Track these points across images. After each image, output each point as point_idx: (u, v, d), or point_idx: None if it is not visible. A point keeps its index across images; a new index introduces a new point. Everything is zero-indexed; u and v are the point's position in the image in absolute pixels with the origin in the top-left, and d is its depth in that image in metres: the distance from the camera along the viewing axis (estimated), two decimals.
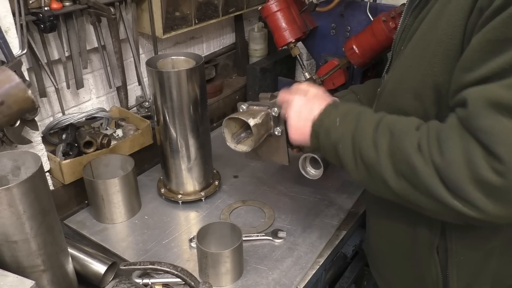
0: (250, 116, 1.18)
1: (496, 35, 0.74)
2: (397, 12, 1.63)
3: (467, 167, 0.75)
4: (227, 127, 1.21)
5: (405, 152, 0.83)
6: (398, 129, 0.87)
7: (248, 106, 1.23)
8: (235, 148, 1.22)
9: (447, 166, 0.77)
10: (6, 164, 0.96)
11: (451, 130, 0.79)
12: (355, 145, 0.92)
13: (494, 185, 0.74)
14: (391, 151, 0.86)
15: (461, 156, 0.76)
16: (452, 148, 0.78)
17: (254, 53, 2.16)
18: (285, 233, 1.32)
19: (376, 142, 0.88)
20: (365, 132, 0.91)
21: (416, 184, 0.82)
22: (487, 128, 0.74)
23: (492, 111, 0.74)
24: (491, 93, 0.74)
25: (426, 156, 0.81)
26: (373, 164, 0.89)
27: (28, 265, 0.93)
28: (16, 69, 1.13)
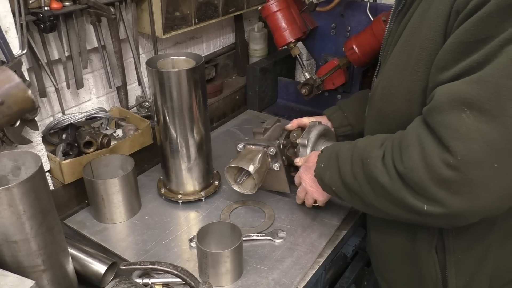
0: (249, 161, 1.32)
1: (467, 37, 0.78)
2: None
3: (426, 169, 0.81)
4: (228, 172, 1.30)
5: (374, 174, 0.92)
6: (366, 155, 0.96)
7: (244, 146, 1.35)
8: (239, 189, 1.39)
9: (409, 171, 0.84)
10: (6, 164, 0.96)
11: (411, 133, 0.86)
12: (343, 182, 1.04)
13: (451, 180, 0.79)
14: (366, 177, 0.96)
15: (419, 161, 0.82)
16: (411, 153, 0.84)
17: (254, 53, 2.16)
18: (285, 233, 1.32)
19: (355, 174, 0.99)
20: (345, 168, 1.02)
21: (392, 200, 0.91)
22: (446, 122, 0.78)
23: (454, 106, 0.78)
24: (455, 88, 0.78)
25: (390, 168, 0.89)
26: (360, 195, 0.99)
27: (28, 265, 0.93)
28: (16, 69, 1.13)
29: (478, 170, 0.77)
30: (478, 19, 0.76)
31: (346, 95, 1.95)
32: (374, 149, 0.95)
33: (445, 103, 0.79)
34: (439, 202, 0.82)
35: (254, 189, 1.34)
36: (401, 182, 0.87)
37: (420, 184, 0.83)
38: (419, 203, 0.85)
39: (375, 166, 0.92)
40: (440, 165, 0.79)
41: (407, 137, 0.87)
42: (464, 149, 0.76)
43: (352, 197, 1.03)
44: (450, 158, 0.78)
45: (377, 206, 0.96)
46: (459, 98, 0.77)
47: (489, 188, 0.78)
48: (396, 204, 0.90)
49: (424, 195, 0.83)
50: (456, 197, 0.80)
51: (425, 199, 0.84)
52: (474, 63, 0.77)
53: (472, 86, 0.76)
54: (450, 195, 0.80)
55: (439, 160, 0.79)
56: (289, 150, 1.42)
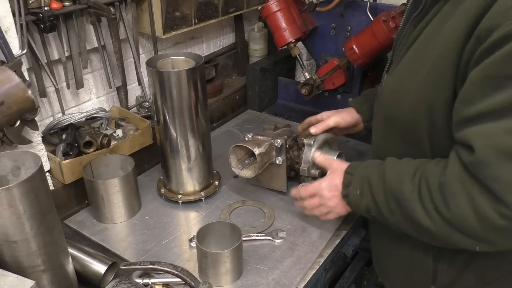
0: (255, 145, 1.35)
1: (495, 71, 0.77)
2: (397, 12, 1.63)
3: (478, 219, 0.83)
4: (233, 153, 1.32)
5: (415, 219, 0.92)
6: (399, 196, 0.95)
7: (253, 136, 1.36)
8: (239, 173, 1.40)
9: (458, 219, 0.86)
10: (6, 164, 0.96)
11: (455, 182, 0.85)
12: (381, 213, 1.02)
13: (506, 228, 0.81)
14: (405, 218, 0.96)
15: (470, 211, 0.83)
16: (459, 202, 0.84)
17: (254, 53, 2.16)
18: (285, 233, 1.32)
19: (392, 210, 0.98)
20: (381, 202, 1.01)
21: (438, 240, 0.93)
22: (497, 176, 0.79)
23: (501, 160, 0.78)
24: (497, 140, 0.78)
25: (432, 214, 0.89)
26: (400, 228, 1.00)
27: (28, 265, 0.93)
28: (16, 69, 1.13)
29: None
30: (507, 53, 0.74)
31: (346, 95, 1.96)
32: (406, 188, 0.94)
33: (491, 156, 0.79)
34: (491, 244, 0.86)
35: (253, 174, 1.36)
36: (448, 226, 0.88)
37: (473, 230, 0.85)
38: (469, 244, 0.88)
39: (414, 210, 0.92)
40: (495, 216, 0.81)
41: (450, 184, 0.86)
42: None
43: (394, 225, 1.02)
44: (505, 210, 0.79)
45: (421, 239, 0.99)
46: (504, 149, 0.77)
47: None
48: (443, 242, 0.94)
49: (476, 238, 0.87)
50: (506, 239, 0.85)
51: (476, 241, 0.87)
52: (506, 103, 0.76)
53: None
54: (503, 238, 0.84)
55: (494, 212, 0.81)
56: (294, 152, 1.43)
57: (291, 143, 1.44)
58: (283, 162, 1.40)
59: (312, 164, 1.37)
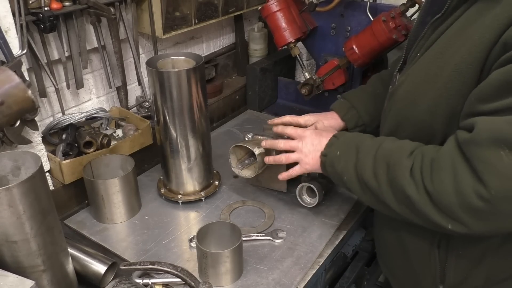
0: (255, 145, 1.35)
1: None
2: (397, 12, 1.63)
3: (456, 195, 0.85)
4: (233, 154, 1.32)
5: (400, 183, 0.94)
6: (392, 160, 0.97)
7: (253, 136, 1.37)
8: (239, 173, 1.41)
9: (438, 193, 0.88)
10: (6, 164, 0.96)
11: (445, 158, 0.88)
12: (358, 176, 1.04)
13: (480, 209, 0.83)
14: (389, 181, 0.97)
15: (451, 186, 0.85)
16: (443, 177, 0.87)
17: (254, 53, 2.16)
18: (285, 233, 1.32)
19: (376, 173, 1.00)
20: (365, 164, 1.02)
21: (413, 210, 0.93)
22: (485, 157, 0.81)
23: (493, 143, 0.80)
24: (497, 126, 0.80)
25: (418, 183, 0.91)
26: (376, 193, 1.00)
27: (28, 265, 0.93)
28: (16, 69, 1.13)
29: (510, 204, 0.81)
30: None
31: None
32: (403, 157, 0.95)
33: (485, 138, 0.81)
34: (464, 224, 0.86)
35: (253, 174, 1.36)
36: (428, 199, 0.89)
37: (448, 207, 0.86)
38: (443, 221, 0.89)
39: (403, 176, 0.93)
40: (472, 195, 0.82)
41: (440, 159, 0.89)
42: (499, 185, 0.80)
43: (364, 192, 1.04)
44: (483, 190, 0.81)
45: (393, 208, 0.98)
46: (500, 136, 0.79)
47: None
48: (418, 214, 0.93)
49: (450, 216, 0.87)
50: (481, 222, 0.85)
51: (450, 219, 0.88)
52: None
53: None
54: (476, 220, 0.85)
55: (472, 190, 0.82)
56: None
57: None
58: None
59: None
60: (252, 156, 1.38)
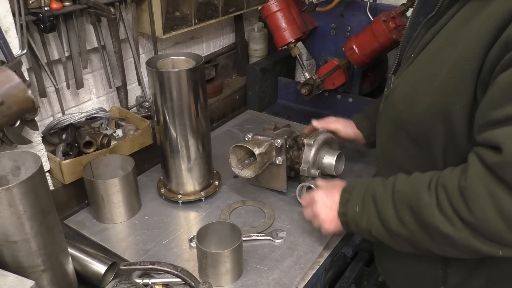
0: (256, 145, 1.36)
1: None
2: (397, 12, 1.63)
3: (503, 220, 0.81)
4: (233, 154, 1.32)
5: (432, 224, 0.89)
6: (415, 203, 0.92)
7: (253, 135, 1.37)
8: (239, 173, 1.41)
9: (483, 223, 0.83)
10: (6, 164, 0.96)
11: (477, 184, 0.83)
12: (386, 228, 0.99)
13: None
14: (419, 226, 0.92)
15: (494, 212, 0.81)
16: (483, 205, 0.82)
17: (254, 53, 2.16)
18: (285, 233, 1.32)
19: (403, 221, 0.95)
20: (387, 214, 0.98)
21: (456, 246, 0.90)
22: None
23: None
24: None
25: (452, 218, 0.87)
26: (411, 240, 0.96)
27: (28, 265, 0.93)
28: (16, 69, 1.13)
29: None
30: None
31: (346, 95, 1.96)
32: (424, 195, 0.91)
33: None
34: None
35: (253, 174, 1.36)
36: (470, 231, 0.86)
37: (497, 234, 0.83)
38: (492, 250, 0.86)
39: (432, 216, 0.89)
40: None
41: (472, 187, 0.84)
42: None
43: (398, 242, 1.00)
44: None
45: (434, 251, 0.95)
46: None
47: None
48: (463, 250, 0.90)
49: (499, 243, 0.85)
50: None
51: (500, 245, 0.85)
52: None
53: None
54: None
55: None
56: (294, 152, 1.44)
57: (291, 143, 1.45)
58: (283, 162, 1.40)
59: (312, 164, 1.37)
60: (252, 156, 1.38)
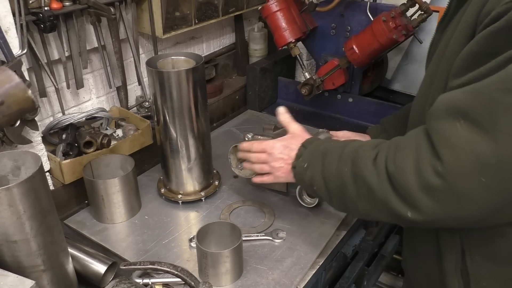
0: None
1: (478, 48, 0.78)
2: (397, 12, 1.63)
3: (416, 173, 0.80)
4: (233, 154, 1.32)
5: (362, 174, 0.90)
6: (357, 155, 0.94)
7: (253, 136, 1.37)
8: (239, 173, 1.40)
9: (399, 173, 0.83)
10: (6, 164, 0.96)
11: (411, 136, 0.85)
12: (325, 182, 1.01)
13: (436, 187, 0.78)
14: (352, 176, 0.93)
15: (412, 163, 0.81)
16: (406, 155, 0.83)
17: (254, 53, 2.16)
18: (285, 233, 1.32)
19: (341, 173, 0.96)
20: (331, 167, 0.99)
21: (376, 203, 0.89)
22: (440, 128, 0.78)
23: (450, 114, 0.77)
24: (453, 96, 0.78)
25: (380, 169, 0.87)
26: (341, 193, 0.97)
27: (28, 265, 0.93)
28: (16, 69, 1.13)
29: (465, 182, 0.76)
30: (490, 32, 0.75)
31: (346, 95, 1.96)
32: (368, 150, 0.93)
33: (442, 110, 0.79)
34: (421, 209, 0.81)
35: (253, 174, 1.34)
36: (389, 184, 0.85)
37: (407, 187, 0.82)
38: (403, 209, 0.84)
39: (365, 166, 0.90)
40: (429, 170, 0.78)
41: (406, 139, 0.87)
42: (452, 158, 0.76)
43: (332, 197, 1.01)
44: (439, 165, 0.77)
45: (359, 208, 0.94)
46: (455, 106, 0.77)
47: (474, 202, 0.77)
48: (379, 207, 0.89)
49: (408, 200, 0.82)
50: (439, 205, 0.79)
51: (409, 205, 0.83)
52: (479, 74, 0.76)
53: (467, 96, 0.76)
54: (433, 203, 0.79)
55: (429, 165, 0.78)
56: None
57: None
58: None
59: None
60: None
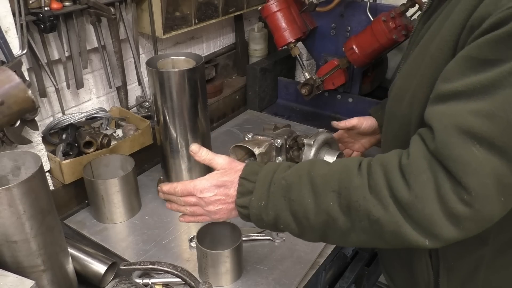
0: (256, 145, 1.33)
1: (478, 53, 0.76)
2: (397, 12, 1.63)
3: (438, 199, 0.74)
4: (233, 154, 1.32)
5: (361, 207, 0.79)
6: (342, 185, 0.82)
7: (253, 135, 1.36)
8: None
9: (420, 202, 0.75)
10: (6, 164, 0.96)
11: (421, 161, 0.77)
12: (296, 219, 0.87)
13: (463, 216, 0.73)
14: (344, 211, 0.82)
15: (433, 190, 0.74)
16: (424, 181, 0.75)
17: (254, 53, 2.16)
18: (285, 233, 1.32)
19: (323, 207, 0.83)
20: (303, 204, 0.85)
21: (382, 234, 0.80)
22: (456, 157, 0.73)
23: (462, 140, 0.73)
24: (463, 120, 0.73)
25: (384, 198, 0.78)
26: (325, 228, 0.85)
27: (28, 265, 0.93)
28: (16, 69, 1.13)
29: (491, 205, 0.73)
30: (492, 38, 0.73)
31: (346, 95, 1.96)
32: (354, 177, 0.82)
33: (454, 136, 0.74)
34: (443, 237, 0.76)
35: None
36: (401, 215, 0.77)
37: (430, 217, 0.75)
38: (419, 239, 0.77)
39: (363, 198, 0.79)
40: (455, 199, 0.73)
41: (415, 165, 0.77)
42: (477, 184, 0.72)
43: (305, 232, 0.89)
44: (464, 193, 0.72)
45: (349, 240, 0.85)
46: (468, 132, 0.73)
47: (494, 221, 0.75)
48: (386, 238, 0.80)
49: (429, 230, 0.76)
50: (463, 232, 0.75)
51: (428, 234, 0.76)
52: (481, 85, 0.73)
53: (482, 120, 0.72)
54: (458, 231, 0.75)
55: (453, 194, 0.73)
56: (294, 152, 1.44)
57: (291, 143, 1.45)
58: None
59: None
60: (252, 156, 1.38)
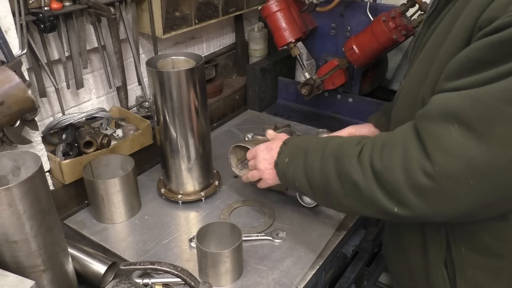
0: (255, 145, 1.35)
1: (477, 55, 0.78)
2: (397, 12, 1.63)
3: (404, 172, 0.82)
4: (233, 154, 1.32)
5: (348, 172, 0.92)
6: (341, 152, 0.95)
7: (253, 136, 1.36)
8: (239, 173, 1.41)
9: (386, 171, 0.85)
10: (6, 164, 0.96)
11: (398, 135, 0.87)
12: (308, 179, 1.02)
13: (425, 187, 0.80)
14: (337, 173, 0.95)
15: (400, 163, 0.83)
16: (394, 154, 0.84)
17: (254, 53, 2.16)
18: (285, 233, 1.32)
19: (325, 170, 0.98)
20: (313, 164, 1.01)
21: (362, 199, 0.91)
22: (433, 130, 0.79)
23: (444, 117, 0.78)
24: (449, 100, 0.79)
25: (365, 166, 0.89)
26: (326, 190, 0.99)
27: (28, 265, 0.93)
28: (16, 69, 1.13)
29: (454, 184, 0.78)
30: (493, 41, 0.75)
31: (346, 95, 1.96)
32: (351, 147, 0.94)
33: (436, 112, 0.80)
34: (409, 206, 0.84)
35: None
36: (375, 182, 0.87)
37: (395, 186, 0.84)
38: (390, 205, 0.86)
39: (350, 163, 0.91)
40: (418, 171, 0.80)
41: (393, 138, 0.87)
42: (443, 161, 0.78)
43: (315, 193, 1.03)
44: (429, 166, 0.79)
45: (344, 204, 0.96)
46: (450, 110, 0.78)
47: (460, 200, 0.80)
48: (366, 203, 0.91)
49: (396, 197, 0.85)
50: (427, 204, 0.82)
51: (396, 201, 0.85)
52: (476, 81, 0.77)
53: (465, 101, 0.77)
54: (421, 201, 0.82)
55: (418, 166, 0.80)
56: None
57: None
58: None
59: None
60: None
